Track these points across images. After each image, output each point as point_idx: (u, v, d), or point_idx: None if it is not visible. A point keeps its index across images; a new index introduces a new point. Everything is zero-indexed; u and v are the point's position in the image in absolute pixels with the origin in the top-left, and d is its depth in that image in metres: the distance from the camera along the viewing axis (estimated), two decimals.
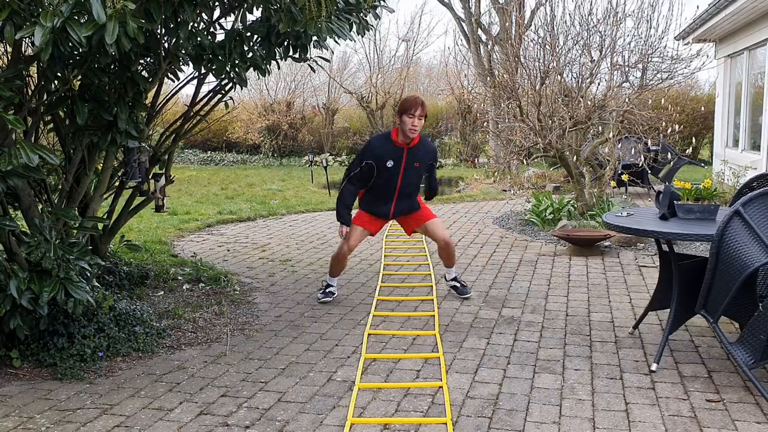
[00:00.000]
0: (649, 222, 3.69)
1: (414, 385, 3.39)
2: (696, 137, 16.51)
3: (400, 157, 4.61)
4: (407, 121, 4.51)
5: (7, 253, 3.63)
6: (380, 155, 4.60)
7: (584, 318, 4.49)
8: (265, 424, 3.00)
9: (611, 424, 2.96)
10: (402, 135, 4.57)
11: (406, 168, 4.64)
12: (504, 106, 9.40)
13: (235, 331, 4.30)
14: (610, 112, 8.11)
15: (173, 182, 5.57)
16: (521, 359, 3.75)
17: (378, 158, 4.60)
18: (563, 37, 8.19)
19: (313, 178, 14.72)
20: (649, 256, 6.34)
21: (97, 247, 4.84)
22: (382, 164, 4.60)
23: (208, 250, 6.89)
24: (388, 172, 4.62)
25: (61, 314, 3.73)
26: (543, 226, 7.89)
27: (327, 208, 10.03)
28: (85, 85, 3.84)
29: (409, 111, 4.50)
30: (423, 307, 4.82)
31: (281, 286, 5.48)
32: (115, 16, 2.80)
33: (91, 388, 3.40)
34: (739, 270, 3.12)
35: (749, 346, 3.16)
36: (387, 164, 4.59)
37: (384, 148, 4.62)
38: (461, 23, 16.69)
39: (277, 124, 20.34)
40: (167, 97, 5.16)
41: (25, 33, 2.85)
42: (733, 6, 9.13)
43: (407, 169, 4.66)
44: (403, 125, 4.53)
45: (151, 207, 5.59)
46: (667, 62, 8.14)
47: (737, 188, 5.76)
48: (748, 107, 10.64)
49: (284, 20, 3.65)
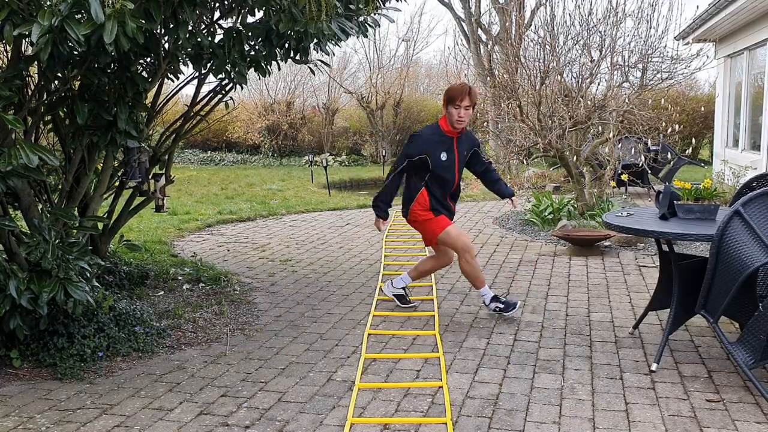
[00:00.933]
0: (649, 222, 3.68)
1: (414, 385, 3.39)
2: (696, 137, 16.52)
3: (451, 147, 4.33)
4: (453, 113, 4.24)
5: (7, 253, 3.63)
6: (432, 147, 4.29)
7: (584, 318, 4.49)
8: (265, 424, 3.00)
9: (611, 424, 2.96)
10: (450, 125, 4.30)
11: (459, 160, 4.37)
12: (504, 106, 9.40)
13: (235, 331, 4.30)
14: (610, 112, 8.11)
15: (173, 182, 5.57)
16: (521, 359, 3.75)
17: (430, 150, 4.28)
18: (563, 37, 8.19)
19: (313, 178, 14.72)
20: (649, 256, 6.34)
21: (97, 247, 4.84)
22: (437, 157, 4.29)
23: (208, 250, 6.88)
24: (442, 164, 4.31)
25: (61, 314, 3.73)
26: (543, 226, 7.89)
27: (327, 208, 10.03)
28: (85, 85, 3.84)
29: (455, 101, 4.22)
30: (423, 307, 4.82)
31: (281, 286, 5.48)
32: (114, 16, 2.80)
33: (91, 388, 3.40)
34: (739, 270, 3.12)
35: (749, 346, 3.16)
36: (441, 157, 4.29)
37: (434, 139, 4.31)
38: (461, 23, 16.69)
39: (277, 124, 20.34)
40: (167, 97, 5.16)
41: (23, 29, 2.85)
42: (733, 6, 9.13)
43: (461, 161, 4.40)
44: (450, 117, 4.27)
45: (151, 207, 5.60)
46: (667, 62, 8.14)
47: (737, 188, 5.76)
48: (748, 107, 10.64)
49: (284, 20, 3.65)
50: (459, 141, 4.37)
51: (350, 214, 9.60)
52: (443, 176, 4.34)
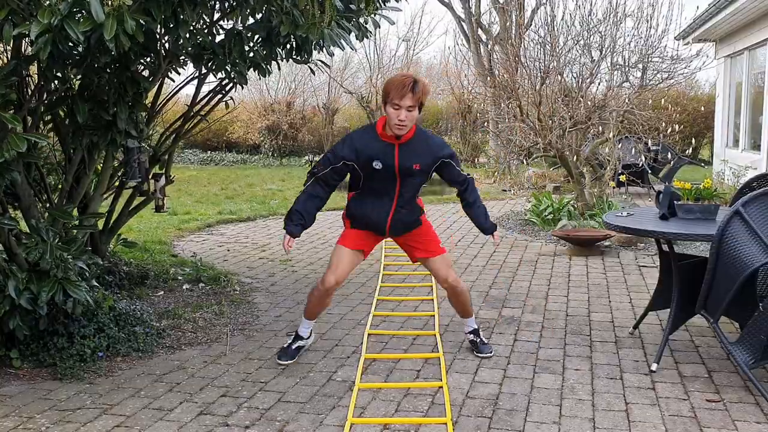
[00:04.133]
0: (649, 222, 3.68)
1: (414, 385, 3.39)
2: (696, 137, 16.49)
3: (390, 155, 3.42)
4: (392, 115, 3.31)
5: (7, 253, 3.63)
6: (363, 153, 3.42)
7: (584, 318, 4.49)
8: (265, 424, 3.00)
9: (611, 424, 2.95)
10: (388, 128, 3.41)
11: (402, 172, 3.46)
12: (504, 106, 9.39)
13: (235, 331, 4.30)
14: (610, 112, 8.11)
15: (173, 182, 5.57)
16: (521, 359, 3.74)
17: (359, 156, 3.43)
18: (563, 37, 8.19)
19: None
20: (649, 256, 6.34)
21: (97, 247, 4.84)
22: (368, 165, 3.44)
23: (208, 250, 6.88)
24: (377, 175, 3.46)
25: (61, 314, 3.73)
26: (543, 226, 7.89)
27: (327, 208, 10.00)
28: (85, 84, 3.84)
29: (392, 99, 3.29)
30: (423, 307, 4.82)
31: (281, 286, 5.47)
32: (113, 14, 2.80)
33: (91, 388, 3.40)
34: (739, 270, 3.11)
35: (749, 346, 3.16)
36: (374, 165, 3.42)
37: (367, 143, 3.44)
38: (461, 23, 16.70)
39: (277, 124, 20.32)
40: (167, 97, 5.16)
41: (22, 29, 2.85)
42: (732, 6, 9.13)
43: (406, 174, 3.47)
44: (388, 119, 3.36)
45: (151, 207, 5.59)
46: (667, 62, 8.14)
47: (737, 188, 5.76)
48: (748, 107, 10.64)
49: (285, 23, 3.65)
50: (405, 150, 3.42)
51: None
52: (377, 188, 3.52)
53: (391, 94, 3.29)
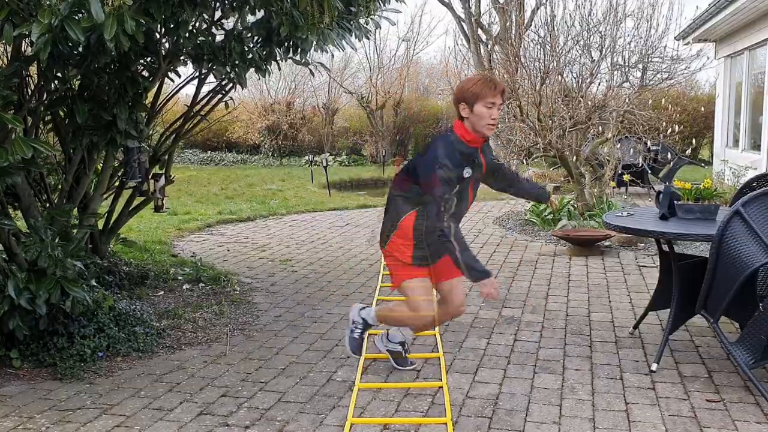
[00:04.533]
0: (649, 222, 3.68)
1: (414, 385, 3.39)
2: (696, 137, 16.49)
3: (477, 159, 3.16)
4: (484, 114, 3.04)
5: (7, 253, 3.63)
6: (458, 161, 3.07)
7: (584, 318, 4.49)
8: (265, 424, 3.00)
9: (611, 424, 2.95)
10: (474, 131, 3.11)
11: (476, 177, 3.20)
12: (504, 106, 9.39)
13: (235, 331, 4.29)
14: (610, 112, 8.10)
15: (173, 182, 5.58)
16: (521, 359, 3.75)
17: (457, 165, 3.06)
18: (563, 37, 8.18)
19: (313, 178, 14.70)
20: (649, 256, 6.34)
21: (97, 246, 4.84)
22: (460, 174, 3.09)
23: (208, 250, 6.88)
24: (462, 185, 3.11)
25: (61, 314, 3.73)
26: (543, 226, 7.89)
27: (327, 208, 10.02)
28: (85, 84, 3.84)
29: (486, 98, 3.04)
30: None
31: (281, 286, 5.47)
32: (113, 14, 2.80)
33: (91, 388, 3.40)
34: (740, 270, 3.11)
35: (749, 346, 3.16)
36: (464, 174, 3.09)
37: (459, 151, 3.09)
38: (461, 23, 16.69)
39: (277, 124, 20.32)
40: (167, 97, 5.17)
41: (22, 29, 2.85)
42: (732, 6, 9.12)
43: (477, 179, 3.23)
44: (478, 120, 3.06)
45: (151, 207, 5.59)
46: (667, 62, 8.14)
47: (737, 188, 5.76)
48: (748, 107, 10.63)
49: (285, 24, 3.65)
50: (483, 151, 3.23)
51: (350, 214, 9.59)
52: (458, 199, 3.13)
53: (483, 93, 3.03)
